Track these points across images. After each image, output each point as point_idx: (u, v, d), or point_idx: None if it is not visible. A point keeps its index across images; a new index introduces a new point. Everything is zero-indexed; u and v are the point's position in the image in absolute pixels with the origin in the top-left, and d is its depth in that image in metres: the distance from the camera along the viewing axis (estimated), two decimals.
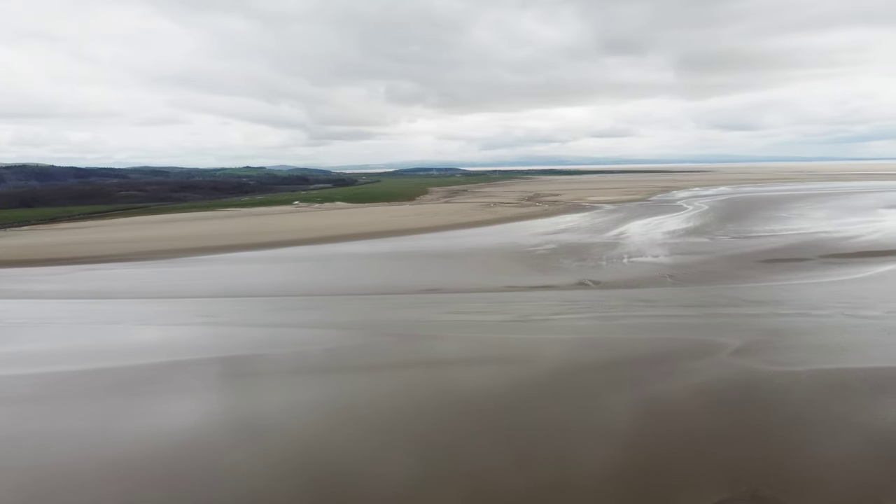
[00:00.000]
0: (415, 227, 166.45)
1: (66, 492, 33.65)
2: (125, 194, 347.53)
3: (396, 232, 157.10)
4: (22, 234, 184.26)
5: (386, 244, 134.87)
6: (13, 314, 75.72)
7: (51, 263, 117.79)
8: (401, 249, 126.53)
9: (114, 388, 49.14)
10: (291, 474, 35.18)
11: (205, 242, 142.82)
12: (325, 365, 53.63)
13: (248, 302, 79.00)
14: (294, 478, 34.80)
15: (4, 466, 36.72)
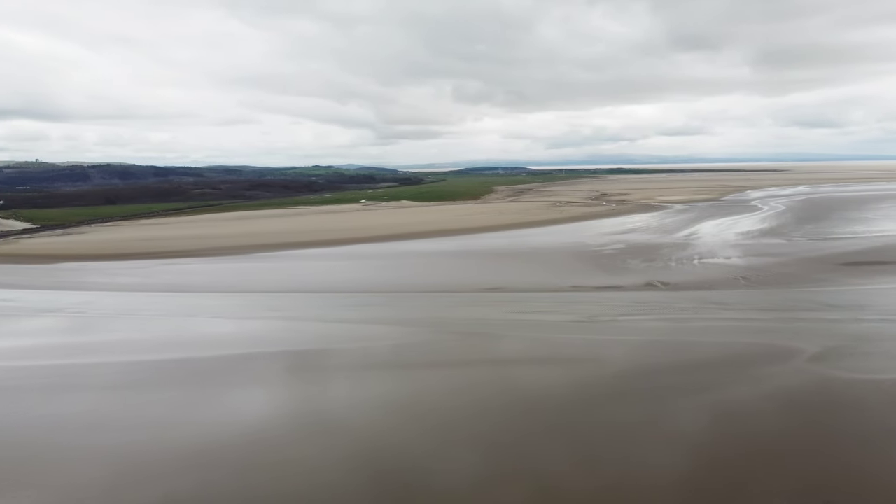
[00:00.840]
0: (479, 226, 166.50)
1: (142, 478, 35.25)
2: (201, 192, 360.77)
3: (461, 230, 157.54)
4: (106, 230, 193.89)
5: (451, 242, 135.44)
6: (98, 305, 79.82)
7: (132, 258, 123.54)
8: (465, 248, 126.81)
9: (190, 378, 51.17)
10: (357, 468, 35.82)
11: (275, 239, 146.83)
12: (391, 361, 54.35)
13: (316, 297, 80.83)
14: (360, 472, 35.42)
15: (86, 450, 38.77)
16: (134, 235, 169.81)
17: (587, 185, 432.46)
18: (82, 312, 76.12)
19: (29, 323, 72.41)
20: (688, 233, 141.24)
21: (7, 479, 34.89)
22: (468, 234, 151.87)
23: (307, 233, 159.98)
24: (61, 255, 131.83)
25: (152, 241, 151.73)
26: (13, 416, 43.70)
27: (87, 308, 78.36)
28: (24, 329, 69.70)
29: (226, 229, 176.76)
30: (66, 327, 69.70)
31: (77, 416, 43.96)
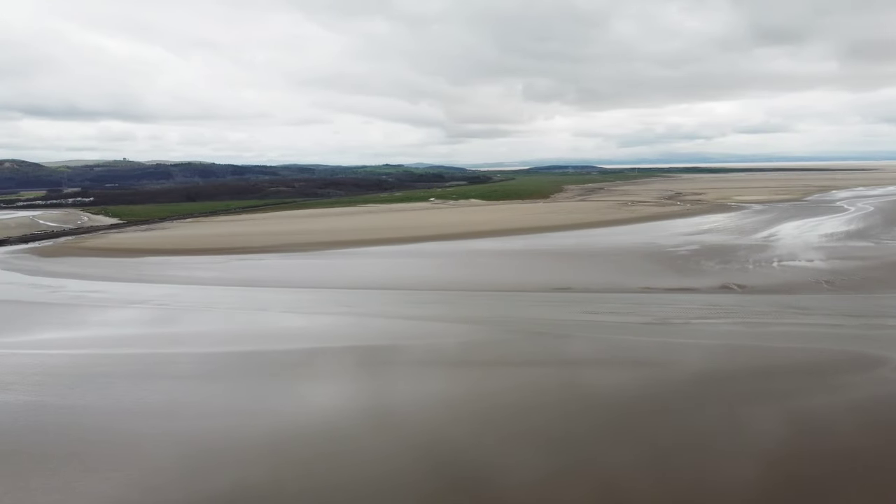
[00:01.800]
0: (548, 225, 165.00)
1: (216, 465, 36.65)
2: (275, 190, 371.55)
3: (529, 229, 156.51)
4: (186, 226, 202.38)
5: (519, 241, 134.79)
6: (179, 298, 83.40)
7: (210, 253, 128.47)
8: (533, 247, 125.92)
9: (262, 370, 52.84)
10: (422, 463, 36.17)
11: (346, 236, 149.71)
12: (456, 358, 54.58)
13: (384, 294, 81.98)
14: (425, 467, 35.75)
15: (165, 436, 40.59)
16: (212, 232, 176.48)
17: (660, 184, 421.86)
18: (165, 305, 79.72)
19: (116, 314, 76.37)
20: (767, 234, 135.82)
21: (95, 461, 36.94)
22: (536, 232, 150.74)
23: (377, 230, 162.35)
24: (145, 249, 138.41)
25: (229, 237, 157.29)
26: (102, 402, 46.21)
27: (169, 301, 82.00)
28: (112, 319, 73.56)
29: (298, 226, 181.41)
30: (150, 318, 73.16)
31: (158, 403, 46.10)
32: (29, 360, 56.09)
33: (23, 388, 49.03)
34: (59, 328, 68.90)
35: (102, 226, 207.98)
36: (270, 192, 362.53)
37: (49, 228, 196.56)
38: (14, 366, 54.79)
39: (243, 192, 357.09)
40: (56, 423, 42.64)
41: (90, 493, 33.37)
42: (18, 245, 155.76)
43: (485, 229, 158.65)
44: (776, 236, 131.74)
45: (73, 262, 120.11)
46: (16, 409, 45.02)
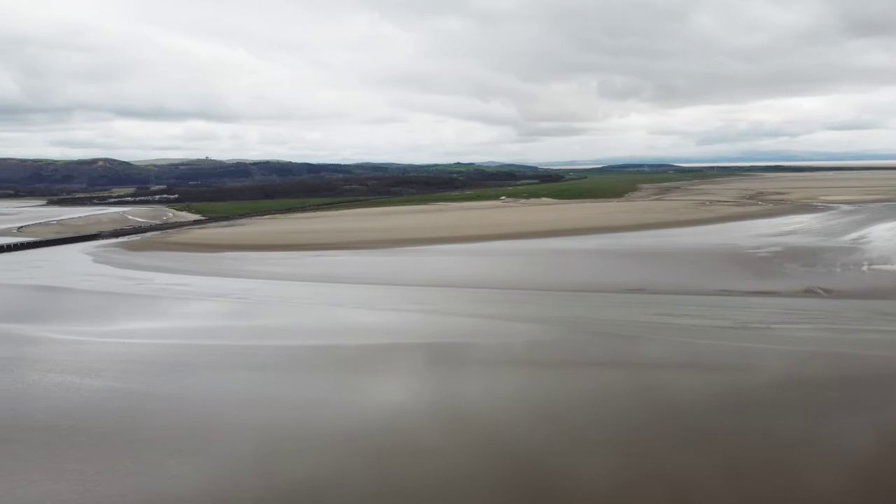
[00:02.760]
0: (622, 225, 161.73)
1: (291, 454, 37.60)
2: (349, 188, 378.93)
3: (602, 229, 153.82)
4: (264, 222, 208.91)
5: (591, 241, 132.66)
6: (257, 292, 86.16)
7: (286, 249, 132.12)
8: (606, 247, 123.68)
9: (336, 364, 53.93)
10: (490, 463, 36.05)
11: (417, 234, 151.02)
12: (528, 358, 54.19)
13: (455, 292, 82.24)
14: (493, 467, 35.62)
15: (243, 424, 41.94)
16: (288, 228, 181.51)
17: (741, 183, 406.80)
18: (243, 298, 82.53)
19: (198, 306, 79.60)
20: (856, 236, 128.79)
21: (178, 446, 38.59)
22: (610, 232, 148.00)
23: (447, 228, 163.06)
24: (225, 244, 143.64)
25: (305, 233, 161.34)
26: (184, 391, 48.24)
27: (247, 294, 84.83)
28: (194, 311, 76.72)
29: (371, 224, 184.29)
30: (229, 311, 75.90)
31: (237, 393, 47.74)
32: (117, 349, 59.12)
33: (112, 376, 51.73)
34: (145, 319, 72.32)
35: (186, 222, 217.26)
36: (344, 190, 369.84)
37: (137, 224, 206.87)
38: (104, 354, 57.87)
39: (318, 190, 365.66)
40: (141, 409, 44.76)
41: (173, 476, 34.87)
42: (110, 239, 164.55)
43: (556, 228, 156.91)
44: (866, 239, 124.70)
45: (159, 257, 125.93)
46: (105, 395, 47.55)
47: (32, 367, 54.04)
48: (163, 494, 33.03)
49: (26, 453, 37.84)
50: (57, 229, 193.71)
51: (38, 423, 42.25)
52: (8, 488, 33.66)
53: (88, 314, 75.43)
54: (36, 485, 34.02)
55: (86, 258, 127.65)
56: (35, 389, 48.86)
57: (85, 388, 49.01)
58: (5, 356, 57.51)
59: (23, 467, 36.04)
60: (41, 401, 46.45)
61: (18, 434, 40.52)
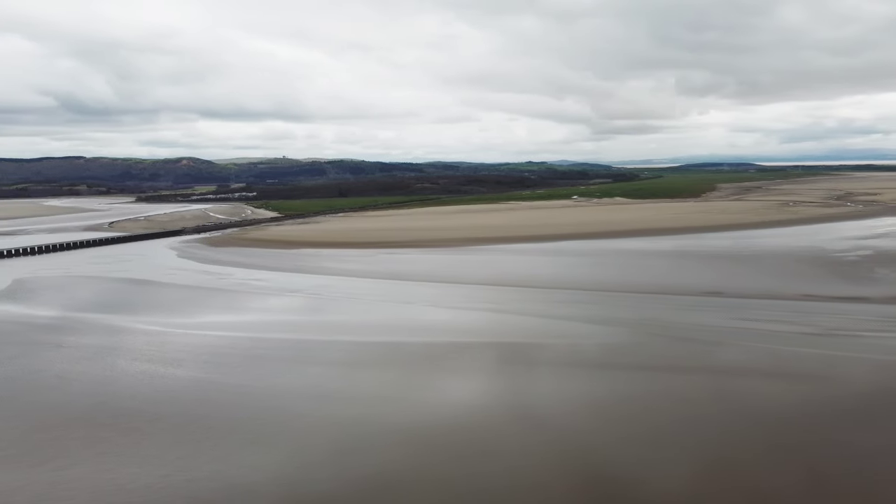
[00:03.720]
0: (698, 225, 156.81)
1: (361, 448, 38.18)
2: (420, 186, 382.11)
3: (677, 229, 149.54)
4: (337, 220, 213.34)
5: (666, 242, 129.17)
6: (331, 288, 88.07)
7: (359, 246, 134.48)
8: (682, 248, 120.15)
9: (406, 361, 54.44)
10: (560, 464, 35.58)
11: (487, 233, 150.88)
12: (598, 360, 53.22)
13: (524, 291, 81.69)
14: (563, 468, 35.14)
15: (315, 417, 42.88)
16: (361, 226, 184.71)
17: (827, 183, 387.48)
18: (317, 294, 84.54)
19: (274, 301, 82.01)
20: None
21: (254, 436, 39.84)
22: (686, 233, 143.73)
23: (518, 228, 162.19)
24: (300, 241, 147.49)
25: (376, 231, 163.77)
26: (260, 382, 49.77)
27: (321, 290, 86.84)
28: (271, 306, 79.08)
29: (442, 222, 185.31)
30: (304, 307, 77.90)
31: (309, 386, 48.90)
32: (198, 341, 61.57)
33: (193, 366, 53.92)
34: (225, 312, 75.05)
35: (263, 219, 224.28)
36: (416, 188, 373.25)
37: (218, 220, 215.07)
38: (186, 345, 60.38)
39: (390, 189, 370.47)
40: (220, 398, 46.46)
41: (248, 464, 36.00)
42: (192, 235, 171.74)
43: (630, 228, 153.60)
44: None
45: (238, 252, 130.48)
46: (186, 384, 49.60)
47: (121, 356, 56.97)
48: (238, 482, 34.15)
49: (114, 437, 39.87)
50: (144, 225, 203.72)
51: (124, 408, 44.47)
52: (97, 470, 35.55)
53: (172, 306, 78.89)
54: (122, 468, 35.79)
55: (170, 253, 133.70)
56: (123, 377, 51.47)
57: (168, 376, 51.29)
58: (97, 345, 60.83)
59: (111, 450, 38.00)
60: (128, 388, 48.89)
61: (107, 418, 42.75)
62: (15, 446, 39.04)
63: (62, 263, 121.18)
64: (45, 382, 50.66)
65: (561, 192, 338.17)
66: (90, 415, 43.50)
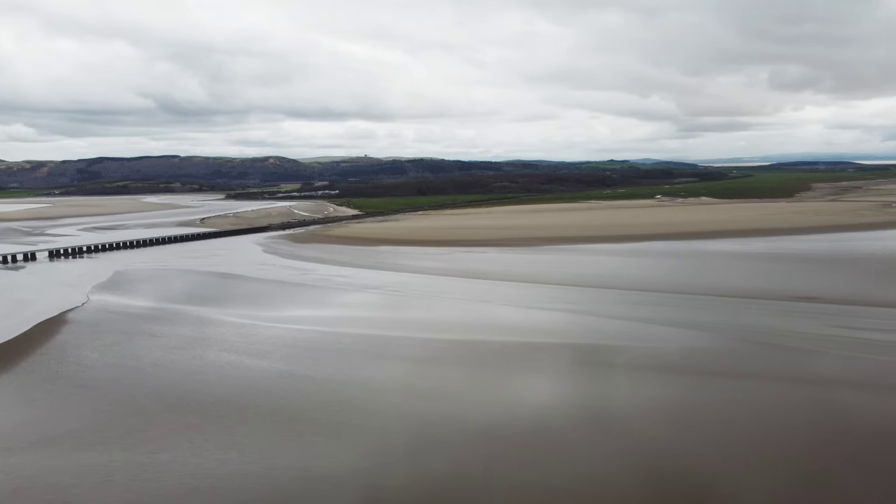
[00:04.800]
0: (791, 227, 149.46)
1: (436, 445, 38.42)
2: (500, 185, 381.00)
3: (768, 231, 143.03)
4: (416, 218, 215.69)
5: (757, 244, 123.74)
6: (409, 285, 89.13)
7: (437, 244, 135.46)
8: (773, 250, 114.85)
9: (481, 359, 54.39)
10: (639, 471, 34.67)
11: (566, 232, 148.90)
12: (679, 365, 51.54)
13: (604, 292, 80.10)
14: (642, 476, 34.23)
15: (393, 412, 43.44)
16: (440, 224, 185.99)
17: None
18: (396, 291, 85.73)
19: (355, 297, 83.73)
20: None
21: (333, 429, 40.79)
22: (777, 235, 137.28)
23: (597, 227, 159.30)
24: (380, 238, 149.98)
25: (454, 230, 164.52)
26: (341, 376, 50.91)
27: (400, 287, 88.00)
28: (351, 301, 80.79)
29: (520, 221, 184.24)
30: (383, 303, 79.15)
31: (387, 381, 49.63)
32: (282, 334, 63.58)
33: (277, 358, 55.72)
34: (308, 307, 77.22)
35: (345, 216, 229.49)
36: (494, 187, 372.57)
37: (302, 217, 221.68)
38: (271, 338, 62.46)
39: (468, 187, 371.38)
40: (302, 390, 47.81)
41: (328, 456, 36.89)
42: (277, 231, 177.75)
43: (716, 229, 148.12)
44: None
45: (321, 249, 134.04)
46: (270, 376, 51.30)
47: (210, 346, 59.55)
48: (318, 472, 35.04)
49: (202, 424, 41.71)
50: (233, 221, 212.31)
51: (212, 397, 46.45)
52: (186, 455, 37.28)
53: (258, 300, 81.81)
54: (209, 453, 37.38)
55: (257, 248, 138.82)
56: (212, 366, 53.78)
57: (254, 367, 53.21)
58: (188, 335, 63.81)
59: (199, 436, 39.76)
60: (216, 377, 51.05)
61: (196, 406, 44.77)
62: (114, 428, 41.46)
63: (157, 257, 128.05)
64: (141, 369, 53.60)
65: (643, 191, 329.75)
66: (182, 402, 45.69)
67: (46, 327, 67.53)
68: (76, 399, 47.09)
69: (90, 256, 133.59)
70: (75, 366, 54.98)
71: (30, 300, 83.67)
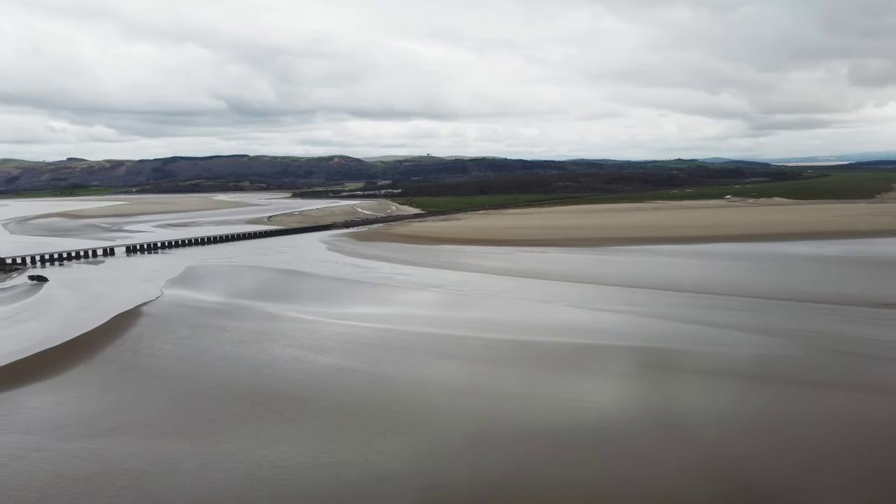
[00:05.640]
0: (871, 229, 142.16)
1: (497, 445, 38.15)
2: (563, 185, 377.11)
3: (847, 233, 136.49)
4: (478, 217, 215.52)
5: (833, 247, 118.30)
6: (471, 285, 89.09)
7: (498, 244, 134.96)
8: (852, 254, 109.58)
9: (542, 360, 53.80)
10: (710, 480, 33.59)
11: (630, 233, 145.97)
12: (749, 371, 49.70)
13: (669, 295, 78.08)
14: (713, 485, 33.13)
15: (453, 410, 43.40)
16: (501, 223, 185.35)
17: None
18: (457, 290, 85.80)
19: (416, 295, 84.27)
20: None
21: (393, 425, 41.10)
22: (855, 237, 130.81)
23: (663, 228, 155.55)
24: (442, 237, 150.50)
25: (516, 229, 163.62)
26: (401, 374, 51.29)
27: (461, 286, 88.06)
28: (413, 300, 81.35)
29: (583, 221, 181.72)
30: (444, 302, 79.33)
31: (447, 380, 49.66)
32: (345, 330, 64.51)
33: (339, 354, 56.58)
34: (370, 304, 78.14)
35: (407, 215, 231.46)
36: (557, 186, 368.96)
37: (365, 216, 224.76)
38: (333, 334, 63.47)
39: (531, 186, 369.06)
40: (363, 387, 48.36)
41: (389, 452, 37.18)
42: (341, 230, 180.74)
43: (789, 231, 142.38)
44: None
45: (383, 247, 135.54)
46: (333, 371, 52.13)
47: (276, 341, 60.97)
48: (379, 468, 35.36)
49: (268, 416, 42.72)
50: (298, 219, 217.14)
51: (277, 391, 47.52)
52: (253, 446, 38.23)
53: (322, 297, 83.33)
54: (274, 446, 38.24)
55: (321, 246, 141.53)
56: (277, 361, 55.05)
57: (317, 363, 54.20)
58: (254, 330, 65.51)
59: (265, 428, 40.74)
60: (282, 371, 52.23)
61: (262, 399, 45.90)
62: (184, 419, 42.93)
63: (227, 253, 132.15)
64: (210, 362, 55.34)
65: (712, 191, 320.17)
66: (248, 394, 46.92)
67: (123, 320, 70.55)
68: (149, 389, 49.00)
69: (164, 252, 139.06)
70: (149, 357, 57.22)
71: (108, 293, 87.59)
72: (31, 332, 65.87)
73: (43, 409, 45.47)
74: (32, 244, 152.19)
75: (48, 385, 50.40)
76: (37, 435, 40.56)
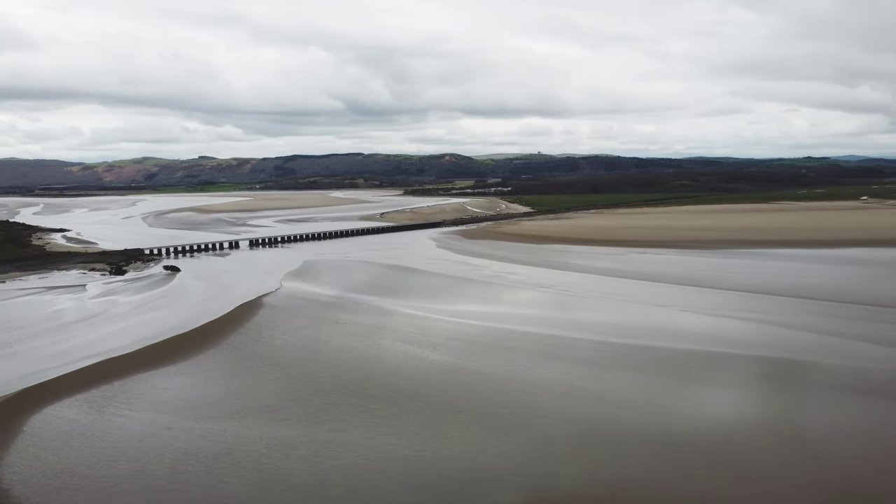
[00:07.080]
0: None
1: (604, 452, 37.17)
2: (678, 183, 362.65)
3: None
4: (588, 217, 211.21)
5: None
6: (581, 286, 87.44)
7: (610, 244, 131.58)
8: None
9: (658, 366, 51.86)
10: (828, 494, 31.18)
11: (753, 235, 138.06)
12: (887, 388, 45.67)
13: (794, 302, 73.13)
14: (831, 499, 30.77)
15: (560, 413, 42.69)
16: (613, 223, 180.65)
17: None
18: (566, 291, 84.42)
19: (524, 294, 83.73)
20: None
21: (499, 424, 40.97)
22: None
23: (789, 230, 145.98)
24: (551, 237, 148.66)
25: (629, 230, 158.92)
26: (507, 373, 51.06)
27: (570, 287, 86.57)
28: (520, 299, 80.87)
29: (701, 222, 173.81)
30: (552, 302, 78.27)
31: (555, 381, 48.94)
32: (453, 327, 65.06)
33: (447, 351, 57.11)
34: (478, 302, 78.38)
35: (516, 213, 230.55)
36: (674, 185, 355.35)
37: (474, 214, 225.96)
38: (441, 330, 64.17)
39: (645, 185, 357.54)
40: (469, 384, 48.55)
41: (495, 451, 37.11)
42: (450, 227, 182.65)
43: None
44: None
45: (492, 245, 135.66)
46: (440, 367, 52.71)
47: (386, 336, 62.46)
48: (485, 467, 35.38)
49: (376, 409, 43.81)
50: (409, 217, 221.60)
51: (387, 384, 48.62)
52: (361, 437, 39.32)
53: (432, 293, 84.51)
54: (382, 437, 39.15)
55: (431, 243, 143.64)
56: (387, 355, 56.36)
57: (425, 358, 54.98)
58: (366, 324, 67.40)
59: (373, 420, 41.80)
60: (391, 365, 53.41)
61: (373, 392, 47.13)
62: (299, 406, 44.83)
63: (341, 248, 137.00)
64: (325, 353, 57.50)
65: (846, 191, 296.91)
66: (359, 386, 48.32)
67: (246, 309, 74.68)
68: (269, 377, 51.55)
69: (283, 246, 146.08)
70: (269, 346, 60.21)
71: (233, 284, 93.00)
72: (164, 319, 71.01)
73: (174, 390, 48.91)
74: (167, 236, 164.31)
75: (179, 368, 54.14)
76: (169, 414, 43.68)
